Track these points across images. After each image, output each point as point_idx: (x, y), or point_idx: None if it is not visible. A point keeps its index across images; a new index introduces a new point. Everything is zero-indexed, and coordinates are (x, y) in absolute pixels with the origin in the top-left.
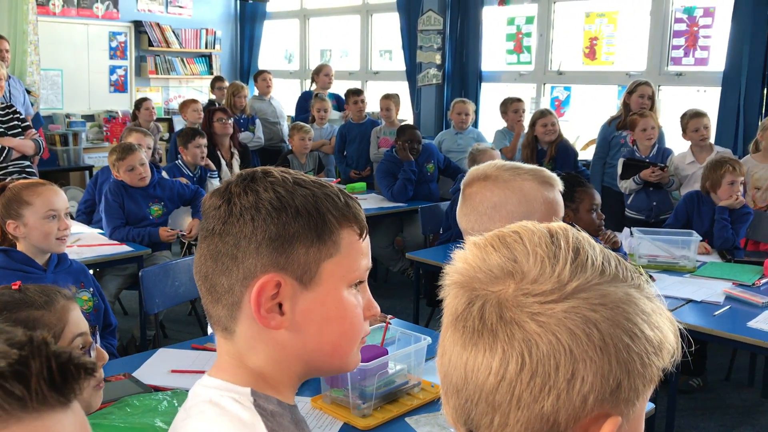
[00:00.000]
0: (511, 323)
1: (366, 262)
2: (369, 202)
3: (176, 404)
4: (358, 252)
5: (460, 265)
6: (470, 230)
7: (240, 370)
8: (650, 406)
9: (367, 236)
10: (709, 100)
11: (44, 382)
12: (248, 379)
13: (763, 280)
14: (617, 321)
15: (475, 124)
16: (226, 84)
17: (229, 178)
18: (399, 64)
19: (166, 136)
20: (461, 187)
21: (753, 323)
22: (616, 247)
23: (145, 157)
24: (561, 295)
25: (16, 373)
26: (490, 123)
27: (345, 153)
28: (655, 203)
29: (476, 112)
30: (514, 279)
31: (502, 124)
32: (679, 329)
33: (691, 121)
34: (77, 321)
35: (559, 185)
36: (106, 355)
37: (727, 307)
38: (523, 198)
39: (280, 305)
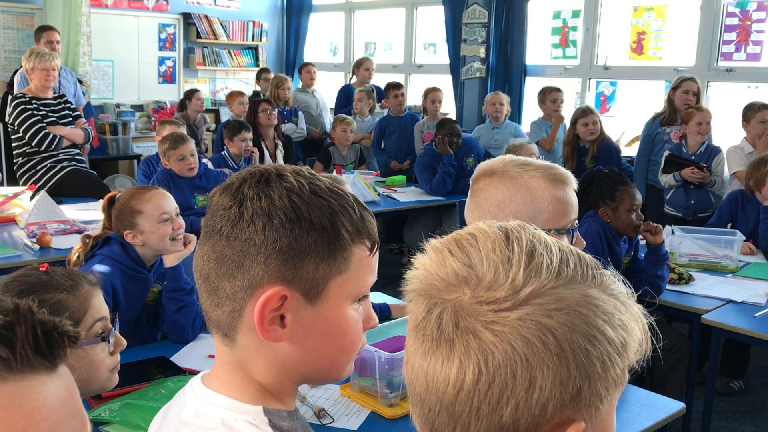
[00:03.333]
0: (467, 332)
1: (373, 278)
2: (408, 195)
3: None
4: (367, 268)
5: (420, 271)
6: None
7: (246, 384)
8: (680, 405)
9: (377, 252)
10: (760, 97)
11: (29, 347)
12: (255, 394)
13: None
14: (574, 325)
15: (519, 119)
16: (272, 76)
17: (240, 174)
18: (443, 57)
19: (213, 126)
20: (470, 181)
21: None
22: (658, 242)
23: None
24: (515, 302)
25: (2, 337)
26: (534, 117)
27: (383, 146)
28: (693, 201)
29: (519, 106)
30: (470, 285)
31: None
32: (649, 324)
33: (760, 112)
34: (99, 306)
35: (573, 183)
36: (124, 342)
37: None
38: (529, 196)
39: (282, 317)
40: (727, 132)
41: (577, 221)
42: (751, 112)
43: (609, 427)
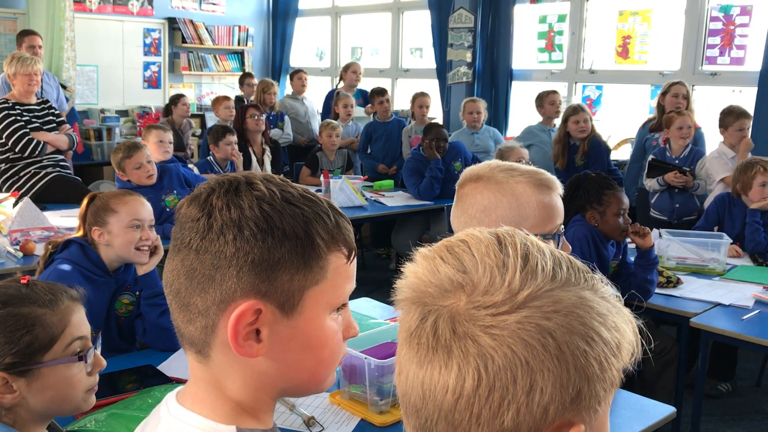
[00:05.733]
0: (465, 338)
1: (351, 286)
2: (396, 200)
3: None
4: (344, 277)
5: (411, 279)
6: None
7: (219, 402)
8: (671, 410)
9: (355, 259)
10: (744, 101)
11: None
12: (229, 412)
13: None
14: (572, 327)
15: (505, 123)
16: (255, 81)
17: (207, 184)
18: (429, 61)
19: (198, 131)
20: (456, 186)
21: None
22: (648, 245)
23: (151, 156)
24: (513, 305)
25: None
26: (520, 121)
27: (370, 151)
28: (677, 205)
29: (505, 110)
30: (465, 291)
31: (534, 120)
32: (638, 326)
33: (738, 121)
34: (79, 324)
35: (559, 189)
36: (104, 362)
37: (757, 311)
38: (515, 202)
39: (257, 331)
40: (713, 135)
41: (563, 226)
42: (728, 119)
43: (605, 430)
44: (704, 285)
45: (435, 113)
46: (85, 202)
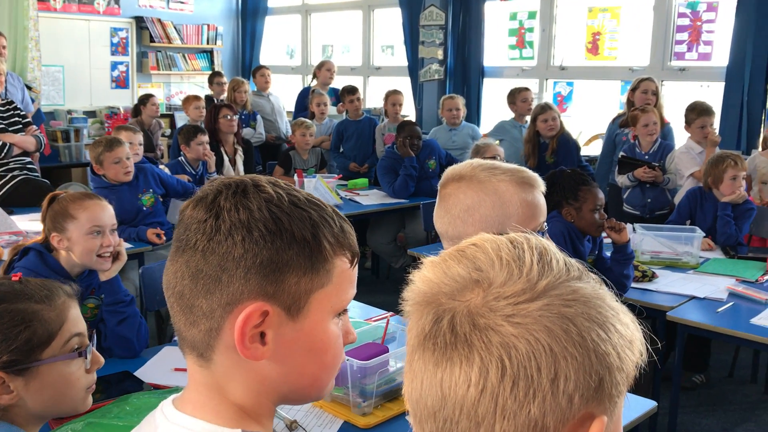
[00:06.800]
0: (486, 329)
1: (353, 291)
2: (371, 199)
3: None
4: (348, 281)
5: (420, 285)
6: (445, 233)
7: (222, 407)
8: (652, 404)
9: (357, 264)
10: (712, 96)
11: None
12: (233, 417)
13: (767, 277)
14: (591, 315)
15: (477, 120)
16: (225, 80)
17: (213, 185)
18: (401, 59)
19: (168, 132)
20: (438, 186)
21: (756, 320)
22: (623, 240)
23: (130, 152)
24: (533, 294)
25: None
26: (492, 118)
27: (342, 150)
28: (649, 200)
29: (477, 107)
30: (481, 287)
31: (506, 117)
32: (642, 331)
33: (700, 118)
34: (76, 320)
35: (541, 186)
36: (102, 360)
37: (731, 303)
38: (498, 200)
39: (263, 334)
40: (683, 130)
41: (546, 224)
42: (691, 116)
43: (620, 424)
44: (679, 278)
45: (407, 111)
46: (45, 202)
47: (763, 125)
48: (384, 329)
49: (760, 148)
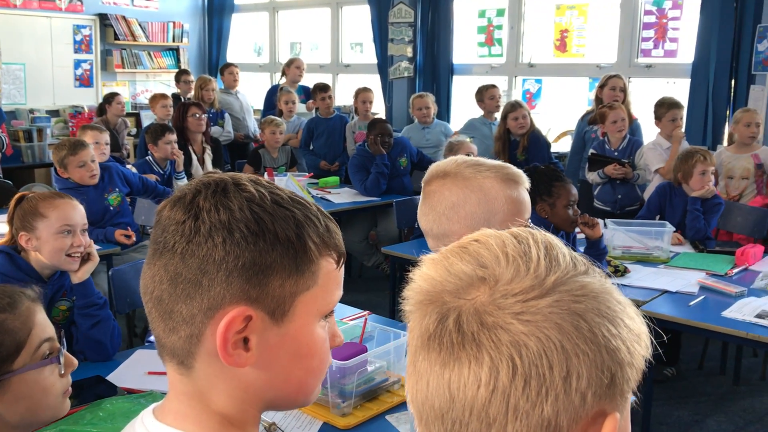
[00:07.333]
0: (495, 327)
1: (339, 293)
2: (342, 197)
3: None
4: (334, 282)
5: (422, 283)
6: (429, 231)
7: (205, 416)
8: (632, 398)
9: (343, 264)
10: (678, 92)
11: None
12: (217, 426)
13: (736, 270)
14: (600, 310)
15: (447, 118)
16: (192, 77)
17: (191, 185)
18: (370, 56)
19: (134, 131)
20: (422, 184)
21: (727, 313)
22: (597, 236)
23: (96, 155)
24: (542, 290)
25: None
26: (462, 115)
27: (312, 147)
28: (620, 196)
29: (447, 105)
30: (488, 284)
31: (475, 114)
32: (647, 323)
33: (670, 111)
34: (43, 325)
35: (525, 182)
36: (75, 362)
37: (702, 297)
38: (483, 197)
39: (246, 340)
40: (651, 126)
41: (530, 221)
42: (661, 110)
43: (629, 423)
44: (650, 273)
45: (378, 109)
46: (12, 203)
47: (727, 121)
48: (362, 328)
49: (725, 144)
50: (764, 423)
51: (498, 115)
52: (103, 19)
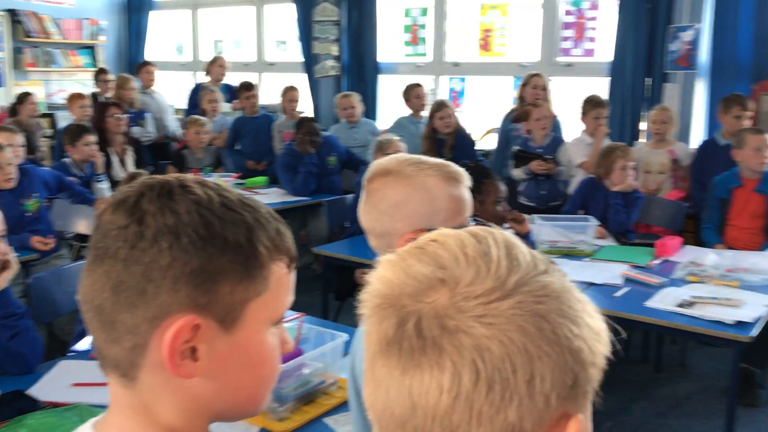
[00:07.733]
0: (456, 331)
1: (290, 299)
2: (271, 197)
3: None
4: (285, 287)
5: (379, 286)
6: (372, 229)
7: (151, 431)
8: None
9: (295, 269)
10: (597, 90)
11: None
12: None
13: (656, 261)
14: (562, 310)
15: (374, 116)
16: (110, 77)
17: (134, 187)
18: (295, 55)
19: (50, 132)
20: (363, 182)
21: (650, 303)
22: (525, 231)
23: (12, 158)
24: (504, 292)
25: None
26: (389, 114)
27: (238, 147)
28: (544, 192)
29: (373, 104)
30: (447, 286)
31: (402, 113)
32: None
33: (594, 110)
34: None
35: (466, 180)
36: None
37: (627, 288)
38: (426, 196)
39: (194, 349)
40: (571, 123)
41: (470, 219)
42: (586, 107)
43: (590, 422)
44: (576, 266)
45: (304, 107)
46: None
47: (642, 117)
48: (297, 331)
49: (644, 140)
50: (684, 408)
51: (425, 114)
52: (13, 14)
